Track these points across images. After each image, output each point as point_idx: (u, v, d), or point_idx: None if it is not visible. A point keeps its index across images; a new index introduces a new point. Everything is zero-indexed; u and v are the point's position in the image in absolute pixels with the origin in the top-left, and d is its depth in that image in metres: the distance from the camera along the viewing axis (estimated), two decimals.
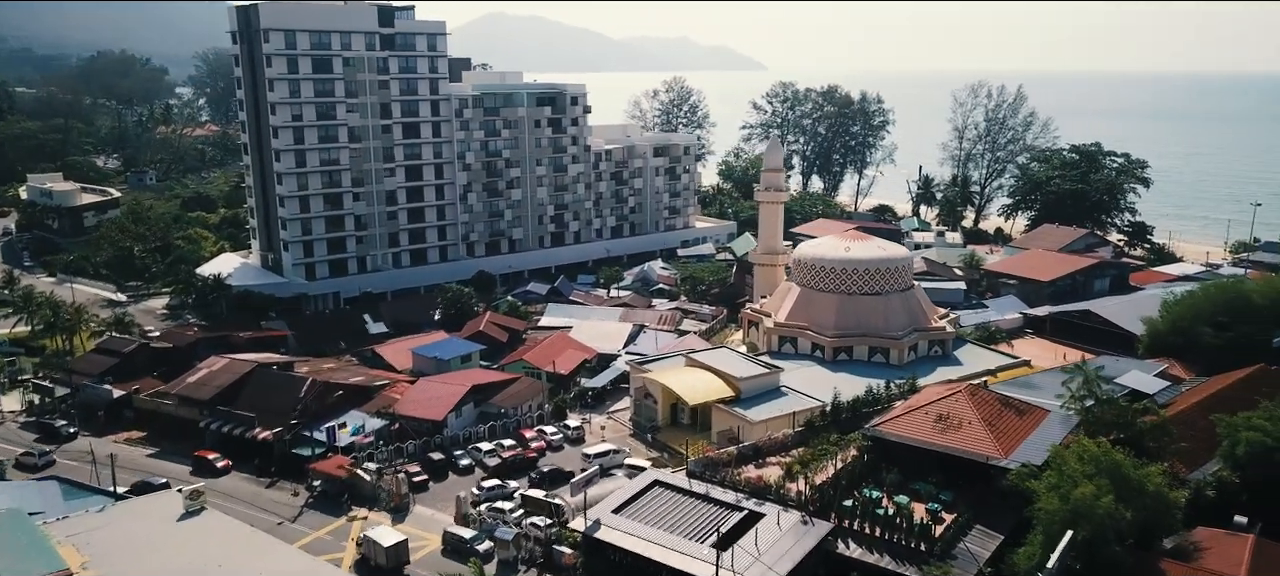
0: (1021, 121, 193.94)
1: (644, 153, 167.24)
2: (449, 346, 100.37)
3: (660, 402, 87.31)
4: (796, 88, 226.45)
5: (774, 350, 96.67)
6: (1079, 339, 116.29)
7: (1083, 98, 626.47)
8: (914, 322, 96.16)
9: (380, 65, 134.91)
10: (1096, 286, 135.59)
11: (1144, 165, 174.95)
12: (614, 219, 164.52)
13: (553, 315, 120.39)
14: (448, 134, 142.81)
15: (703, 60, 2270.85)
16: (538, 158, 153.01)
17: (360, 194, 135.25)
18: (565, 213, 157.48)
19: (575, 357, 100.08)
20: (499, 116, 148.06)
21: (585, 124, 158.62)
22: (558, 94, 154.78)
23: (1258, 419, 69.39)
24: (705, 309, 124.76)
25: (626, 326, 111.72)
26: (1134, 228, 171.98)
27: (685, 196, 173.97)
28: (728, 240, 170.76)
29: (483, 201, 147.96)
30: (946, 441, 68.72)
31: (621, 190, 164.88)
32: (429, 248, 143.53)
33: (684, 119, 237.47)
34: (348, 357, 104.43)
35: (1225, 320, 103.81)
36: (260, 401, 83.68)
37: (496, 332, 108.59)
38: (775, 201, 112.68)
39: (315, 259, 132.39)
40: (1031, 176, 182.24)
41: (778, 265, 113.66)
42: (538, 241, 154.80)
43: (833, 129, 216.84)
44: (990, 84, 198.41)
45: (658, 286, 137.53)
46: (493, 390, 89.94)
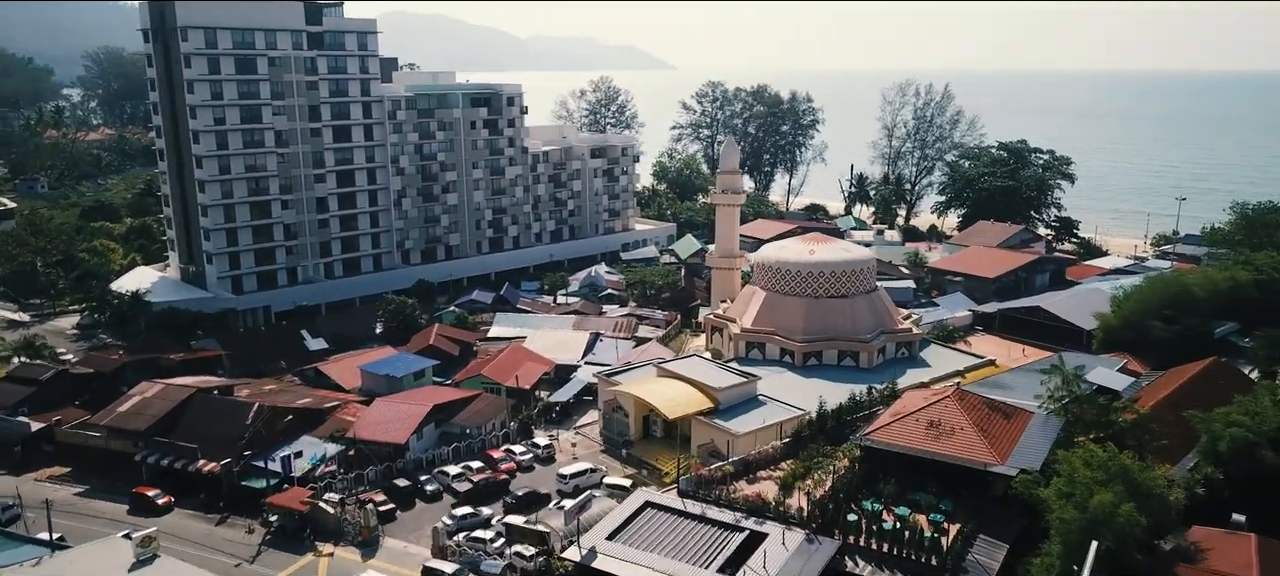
0: (949, 119, 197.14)
1: (582, 154, 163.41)
2: (400, 362, 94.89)
3: (632, 416, 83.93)
4: (726, 88, 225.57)
5: (741, 356, 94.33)
6: (1029, 335, 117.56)
7: (1004, 96, 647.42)
8: (881, 325, 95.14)
9: (308, 65, 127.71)
10: (1037, 282, 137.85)
11: (1068, 162, 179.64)
12: (553, 222, 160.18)
13: (502, 325, 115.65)
14: (380, 137, 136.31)
15: (610, 60, 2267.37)
16: (474, 160, 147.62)
17: (289, 201, 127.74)
18: (503, 217, 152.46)
19: (535, 370, 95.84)
20: (433, 118, 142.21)
21: (522, 125, 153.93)
22: (493, 94, 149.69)
23: (1237, 414, 70.04)
24: (658, 314, 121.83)
25: (582, 335, 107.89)
26: (1061, 223, 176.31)
27: (624, 198, 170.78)
28: (668, 242, 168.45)
29: (418, 207, 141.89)
30: (942, 448, 67.27)
31: (560, 193, 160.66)
32: (363, 256, 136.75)
33: (612, 119, 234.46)
34: (289, 378, 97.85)
35: (1171, 314, 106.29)
36: (202, 430, 77.05)
37: (447, 346, 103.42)
38: (732, 204, 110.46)
39: (242, 271, 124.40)
40: (962, 174, 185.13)
41: (735, 268, 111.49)
42: (475, 247, 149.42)
43: (763, 128, 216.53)
44: (918, 83, 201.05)
45: (606, 292, 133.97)
46: (453, 409, 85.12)
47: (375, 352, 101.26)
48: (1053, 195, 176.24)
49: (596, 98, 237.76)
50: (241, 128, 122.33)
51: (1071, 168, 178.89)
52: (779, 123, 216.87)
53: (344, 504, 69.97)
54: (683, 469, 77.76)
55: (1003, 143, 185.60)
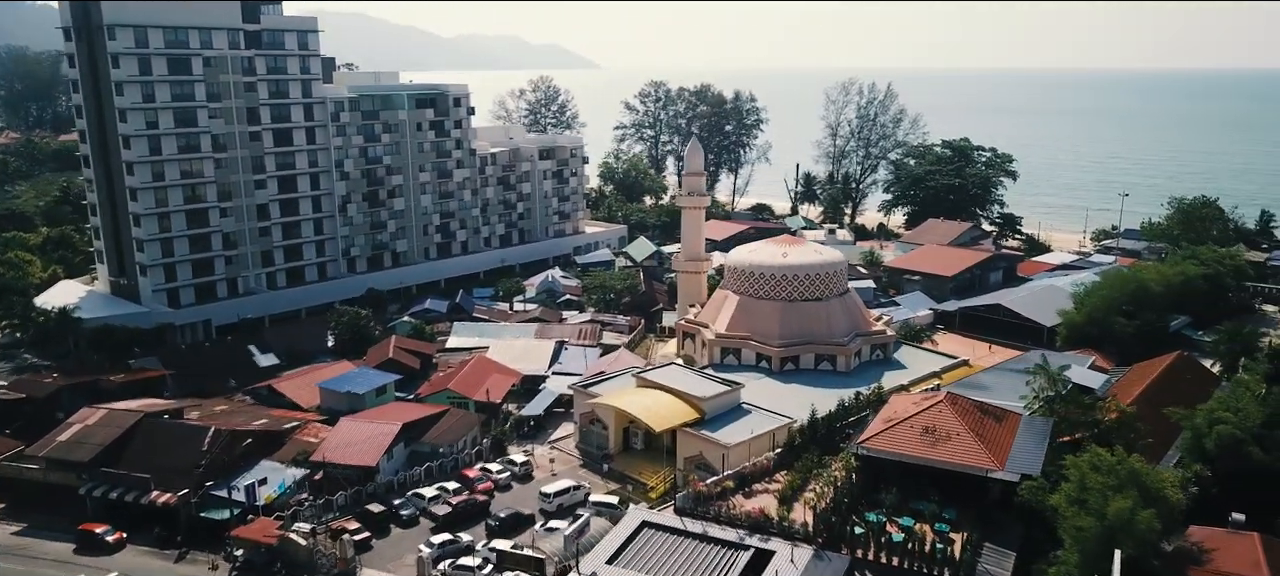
0: (892, 118, 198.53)
1: (530, 155, 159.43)
2: (361, 378, 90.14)
3: (612, 428, 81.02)
4: (668, 87, 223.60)
5: (716, 363, 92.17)
6: (989, 333, 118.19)
7: (940, 95, 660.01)
8: (855, 327, 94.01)
9: (246, 65, 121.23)
10: (991, 279, 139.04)
11: (1010, 159, 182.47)
12: (502, 226, 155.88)
13: (460, 335, 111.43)
14: (323, 140, 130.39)
15: (535, 58, 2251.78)
16: (421, 163, 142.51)
17: (228, 209, 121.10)
18: (451, 221, 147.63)
19: (503, 382, 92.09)
20: (378, 120, 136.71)
21: (469, 126, 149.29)
22: (439, 95, 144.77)
23: (1221, 411, 70.42)
24: (621, 319, 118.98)
25: (547, 343, 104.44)
26: (1004, 219, 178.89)
27: (574, 200, 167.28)
28: (619, 244, 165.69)
29: (363, 213, 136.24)
30: (940, 455, 66.06)
31: (509, 196, 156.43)
32: (307, 265, 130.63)
33: (552, 119, 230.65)
34: (240, 397, 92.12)
35: (1129, 309, 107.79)
36: (154, 459, 71.48)
37: (407, 359, 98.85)
38: (698, 206, 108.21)
39: (179, 283, 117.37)
40: (906, 172, 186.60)
41: (702, 272, 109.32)
42: (423, 253, 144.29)
43: (707, 128, 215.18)
44: (861, 81, 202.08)
45: (564, 297, 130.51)
46: (422, 426, 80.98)
47: (331, 367, 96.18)
48: (996, 192, 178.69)
49: (536, 97, 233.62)
50: (176, 131, 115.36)
51: (1013, 165, 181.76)
52: (723, 122, 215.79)
53: (315, 534, 65.51)
54: (668, 482, 75.53)
55: (946, 141, 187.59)
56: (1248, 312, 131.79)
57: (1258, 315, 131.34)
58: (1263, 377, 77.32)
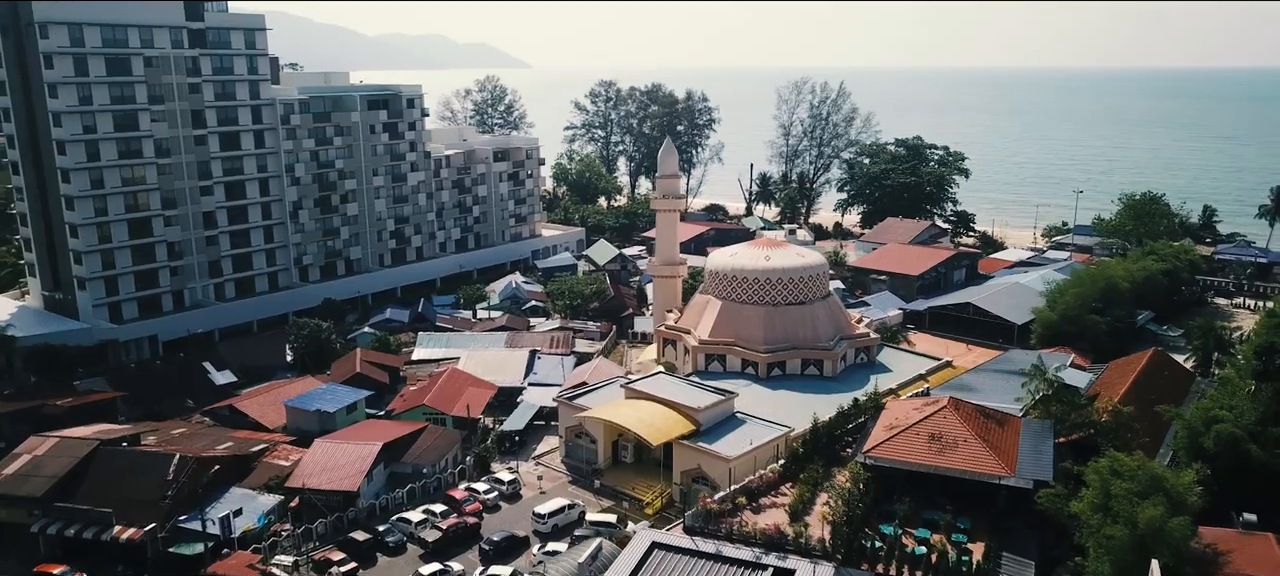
0: (844, 117, 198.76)
1: (485, 157, 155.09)
2: (330, 395, 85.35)
3: (601, 442, 78.01)
4: (618, 87, 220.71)
5: (700, 370, 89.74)
6: (959, 331, 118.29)
7: (890, 93, 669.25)
8: (839, 331, 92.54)
9: (190, 66, 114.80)
10: (955, 277, 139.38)
11: (963, 157, 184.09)
12: (458, 231, 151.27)
13: (426, 346, 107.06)
14: (273, 144, 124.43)
15: (462, 57, 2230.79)
16: (374, 167, 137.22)
17: (172, 217, 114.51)
18: (406, 227, 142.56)
19: (480, 396, 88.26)
20: (330, 122, 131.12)
21: (423, 128, 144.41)
22: (392, 96, 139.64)
23: (1217, 410, 70.39)
24: (592, 326, 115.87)
25: (520, 354, 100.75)
26: (958, 217, 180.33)
27: (530, 203, 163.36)
28: (578, 248, 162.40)
29: (315, 219, 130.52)
30: (950, 463, 64.68)
31: (464, 199, 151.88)
32: (257, 275, 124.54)
33: (499, 119, 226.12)
34: (198, 419, 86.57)
35: (1099, 306, 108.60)
36: (114, 490, 66.16)
37: (375, 373, 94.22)
38: (672, 209, 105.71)
39: (120, 297, 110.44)
40: (861, 171, 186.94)
41: (678, 276, 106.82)
42: (378, 260, 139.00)
43: (659, 128, 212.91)
44: (814, 80, 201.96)
45: (530, 304, 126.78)
46: (401, 446, 76.93)
47: (294, 384, 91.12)
48: (950, 190, 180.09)
49: (482, 97, 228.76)
50: (115, 136, 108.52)
51: (965, 162, 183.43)
52: (675, 122, 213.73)
53: (299, 568, 61.24)
54: (664, 497, 72.87)
55: (899, 139, 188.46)
56: (1201, 306, 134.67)
57: (1210, 308, 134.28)
58: (1250, 374, 77.74)
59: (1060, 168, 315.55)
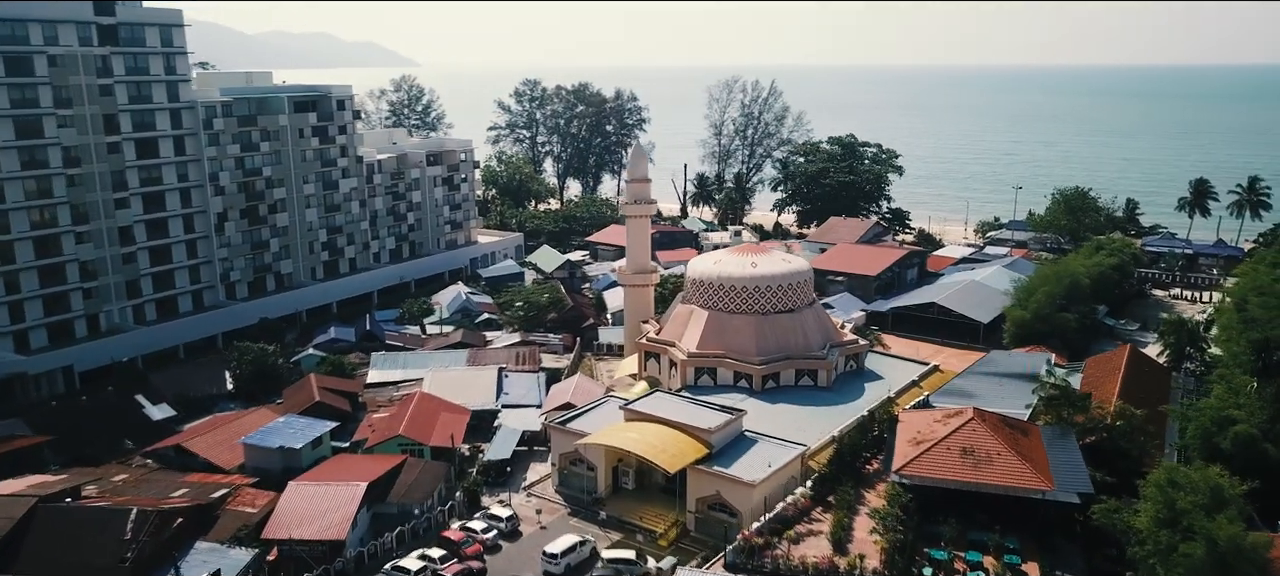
0: (775, 116, 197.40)
1: (418, 161, 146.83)
2: (291, 429, 77.22)
3: (602, 468, 72.63)
4: (544, 86, 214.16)
5: (690, 384, 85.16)
6: (925, 332, 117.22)
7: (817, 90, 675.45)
8: (828, 338, 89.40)
9: (100, 65, 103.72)
10: (908, 276, 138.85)
11: (896, 154, 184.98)
12: (392, 240, 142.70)
13: (381, 368, 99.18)
14: (194, 150, 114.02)
15: (349, 56, 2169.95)
16: (304, 174, 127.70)
17: (85, 233, 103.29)
18: (339, 237, 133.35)
19: (457, 422, 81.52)
20: (256, 126, 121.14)
21: (354, 132, 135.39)
22: (321, 97, 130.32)
23: (1231, 410, 69.85)
24: (554, 339, 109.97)
25: (488, 373, 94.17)
26: (894, 214, 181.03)
27: (465, 208, 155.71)
28: (516, 254, 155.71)
29: (242, 231, 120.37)
30: (990, 478, 62.02)
31: (398, 206, 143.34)
32: (180, 294, 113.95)
33: (416, 121, 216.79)
34: (140, 463, 77.07)
35: (1063, 302, 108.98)
36: (63, 554, 57.25)
37: (335, 401, 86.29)
38: (643, 214, 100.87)
39: (27, 323, 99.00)
40: (796, 170, 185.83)
41: (649, 284, 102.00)
42: (310, 274, 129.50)
43: (588, 128, 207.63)
44: (743, 78, 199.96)
45: (482, 316, 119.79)
46: (382, 484, 69.81)
47: (246, 417, 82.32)
48: (887, 187, 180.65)
49: (398, 98, 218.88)
50: (17, 144, 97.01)
51: (899, 160, 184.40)
52: (603, 122, 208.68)
53: None
54: (677, 527, 68.08)
55: (832, 137, 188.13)
56: (1142, 298, 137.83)
57: (1151, 300, 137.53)
58: (1250, 372, 77.96)
59: (963, 164, 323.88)
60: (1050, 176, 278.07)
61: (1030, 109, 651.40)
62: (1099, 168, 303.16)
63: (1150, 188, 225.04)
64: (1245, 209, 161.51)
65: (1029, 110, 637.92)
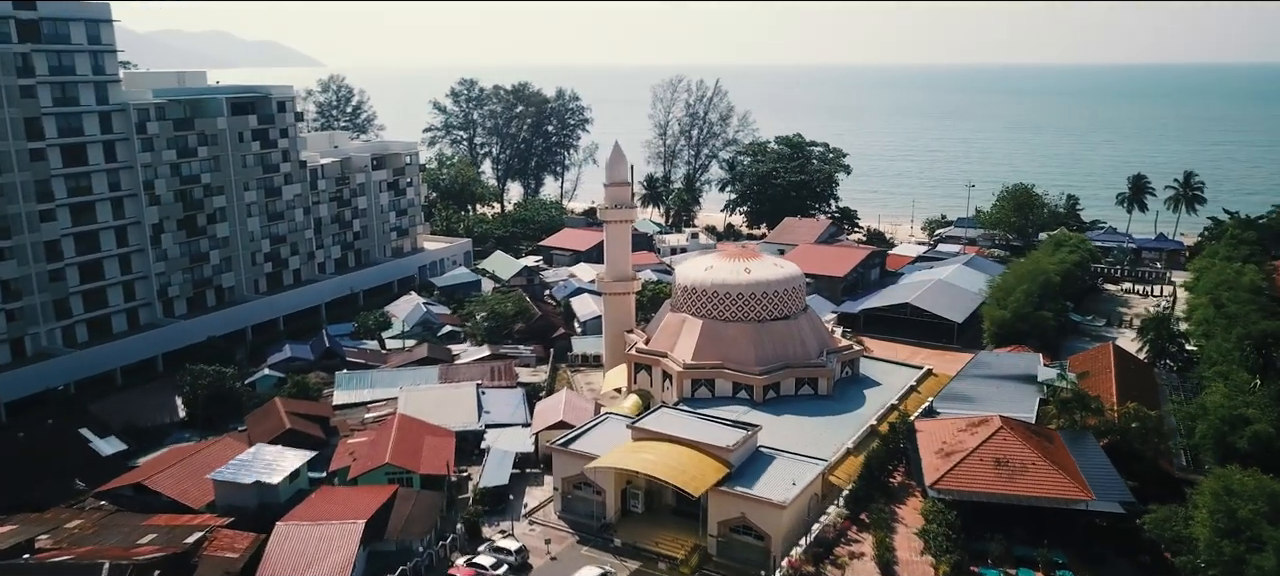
0: (720, 115, 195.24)
1: (363, 165, 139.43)
2: (264, 461, 70.57)
3: (611, 492, 68.33)
4: (481, 86, 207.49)
5: (687, 397, 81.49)
6: (899, 333, 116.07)
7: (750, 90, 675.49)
8: (823, 345, 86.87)
9: (20, 64, 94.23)
10: (872, 276, 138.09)
11: (843, 154, 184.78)
12: (338, 249, 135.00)
13: (347, 388, 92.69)
14: (127, 156, 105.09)
15: (248, 55, 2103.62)
16: (245, 180, 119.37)
17: (7, 249, 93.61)
18: (282, 247, 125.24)
19: (444, 446, 76.04)
20: (192, 130, 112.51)
21: (296, 135, 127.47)
22: (261, 98, 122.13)
23: (1244, 409, 69.65)
24: (525, 350, 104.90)
25: (465, 390, 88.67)
26: (842, 213, 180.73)
27: (412, 214, 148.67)
28: (467, 260, 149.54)
29: (180, 243, 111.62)
30: (1029, 489, 60.13)
31: (344, 213, 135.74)
32: (114, 313, 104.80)
33: (346, 122, 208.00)
34: (95, 504, 69.36)
35: (1038, 301, 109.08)
36: None
37: (307, 427, 79.74)
38: (624, 220, 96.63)
39: None
40: (743, 170, 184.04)
41: (630, 293, 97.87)
42: (253, 287, 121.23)
43: (528, 129, 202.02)
44: (688, 78, 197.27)
45: (445, 328, 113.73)
46: (376, 520, 64.08)
47: (209, 449, 75.02)
48: (836, 187, 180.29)
49: (326, 98, 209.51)
50: None
51: (846, 159, 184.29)
52: (544, 122, 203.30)
53: None
54: (680, 548, 64.32)
55: (780, 136, 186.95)
56: (1095, 293, 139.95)
57: (1104, 294, 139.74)
58: (1249, 369, 78.35)
59: (888, 160, 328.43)
60: (971, 172, 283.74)
61: (950, 108, 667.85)
62: (1019, 162, 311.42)
63: (1068, 182, 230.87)
64: (1181, 203, 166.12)
65: (949, 109, 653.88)
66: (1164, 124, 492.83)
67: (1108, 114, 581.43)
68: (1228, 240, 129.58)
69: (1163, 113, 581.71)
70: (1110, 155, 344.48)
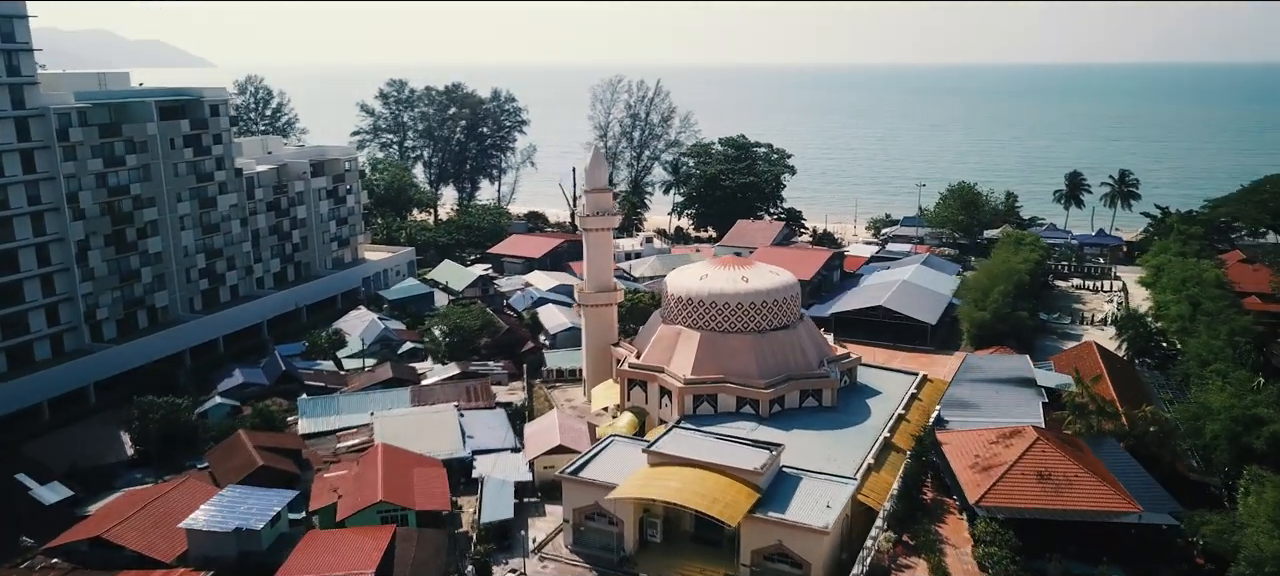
0: (661, 116, 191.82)
1: (301, 172, 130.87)
2: (245, 505, 63.60)
3: (629, 522, 63.83)
4: (412, 87, 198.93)
5: (688, 414, 77.51)
6: (870, 336, 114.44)
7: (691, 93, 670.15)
8: (822, 354, 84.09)
9: None
10: (834, 278, 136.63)
11: (788, 154, 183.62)
12: (277, 262, 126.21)
13: (312, 416, 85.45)
14: (47, 167, 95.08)
15: (132, 55, 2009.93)
16: (177, 191, 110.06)
17: None
18: (218, 261, 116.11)
19: (436, 479, 70.24)
20: (120, 137, 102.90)
21: (231, 141, 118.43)
22: (193, 101, 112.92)
23: (1258, 409, 69.53)
24: (495, 367, 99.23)
25: (445, 414, 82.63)
26: (788, 214, 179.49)
27: (353, 222, 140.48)
28: (410, 270, 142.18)
29: (108, 260, 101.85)
30: (1076, 504, 58.40)
31: (282, 223, 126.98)
32: (36, 339, 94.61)
33: (266, 126, 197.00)
34: (47, 563, 61.15)
35: (1013, 301, 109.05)
36: None
37: (280, 464, 72.67)
38: (605, 226, 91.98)
39: None
40: (687, 172, 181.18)
41: (613, 304, 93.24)
42: (188, 306, 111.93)
43: (462, 131, 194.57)
44: (628, 78, 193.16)
45: (405, 346, 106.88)
46: (384, 567, 58.15)
47: (173, 491, 67.24)
48: (783, 188, 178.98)
49: (243, 101, 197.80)
50: None
51: (791, 159, 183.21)
52: (479, 124, 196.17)
53: None
54: None
55: (725, 138, 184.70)
56: (1048, 289, 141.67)
57: (1056, 291, 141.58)
58: (1252, 368, 78.67)
59: (811, 159, 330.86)
60: (890, 170, 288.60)
61: (858, 108, 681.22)
62: (936, 159, 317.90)
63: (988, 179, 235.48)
64: (1117, 199, 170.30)
65: (857, 109, 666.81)
66: (1072, 121, 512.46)
67: (1013, 112, 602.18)
68: (1176, 235, 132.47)
69: (1059, 112, 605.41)
70: (1019, 152, 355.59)
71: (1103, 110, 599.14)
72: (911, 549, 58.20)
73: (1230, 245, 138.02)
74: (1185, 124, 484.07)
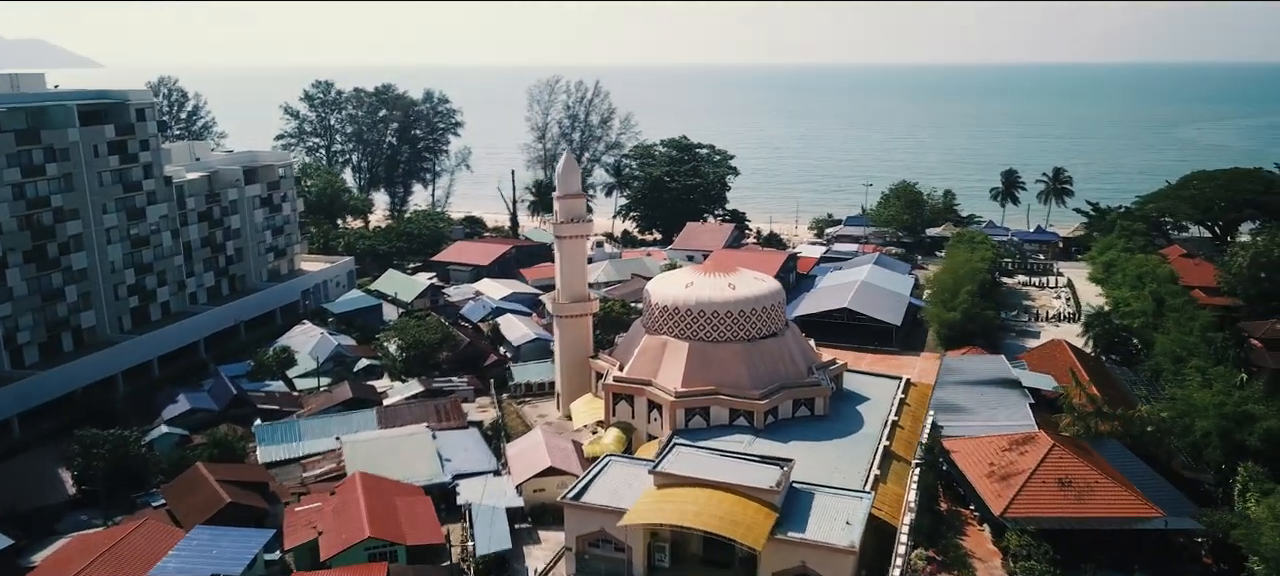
0: (600, 117, 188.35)
1: (234, 179, 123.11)
2: (219, 549, 57.92)
3: (638, 548, 60.45)
4: (339, 88, 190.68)
5: (680, 428, 74.52)
6: (834, 338, 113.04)
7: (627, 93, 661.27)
8: (810, 361, 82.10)
9: None
10: (789, 280, 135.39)
11: (730, 155, 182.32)
12: (211, 276, 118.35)
13: (271, 443, 79.37)
14: None
15: (11, 56, 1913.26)
16: (102, 202, 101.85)
17: None
18: (148, 277, 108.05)
19: (422, 508, 65.54)
20: (39, 143, 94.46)
21: (159, 148, 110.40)
22: (118, 105, 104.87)
23: (1249, 407, 70.16)
24: (460, 382, 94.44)
25: (419, 437, 77.67)
26: (732, 216, 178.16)
27: (289, 232, 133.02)
28: (350, 281, 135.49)
29: (28, 279, 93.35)
30: (1098, 510, 57.94)
31: (215, 234, 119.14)
32: None
33: (181, 130, 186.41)
34: None
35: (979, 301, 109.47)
36: None
37: (246, 498, 66.78)
38: (579, 234, 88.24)
39: None
40: (630, 174, 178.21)
41: (587, 314, 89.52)
42: (118, 325, 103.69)
43: (394, 133, 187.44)
44: (566, 78, 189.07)
45: (361, 363, 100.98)
46: None
47: (131, 534, 60.78)
48: (728, 189, 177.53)
49: (156, 103, 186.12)
50: None
51: (733, 160, 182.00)
52: (411, 127, 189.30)
53: None
54: None
55: (667, 139, 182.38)
56: (996, 287, 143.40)
57: (1004, 288, 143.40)
58: (1235, 364, 79.64)
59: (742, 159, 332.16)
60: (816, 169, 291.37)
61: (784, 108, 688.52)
62: (863, 157, 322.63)
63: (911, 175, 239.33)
64: (1051, 196, 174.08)
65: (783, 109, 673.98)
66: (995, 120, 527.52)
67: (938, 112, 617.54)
68: (1120, 231, 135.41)
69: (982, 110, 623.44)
70: (941, 151, 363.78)
71: (1018, 109, 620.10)
72: (941, 564, 56.38)
73: (1168, 240, 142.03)
74: (1089, 122, 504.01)
